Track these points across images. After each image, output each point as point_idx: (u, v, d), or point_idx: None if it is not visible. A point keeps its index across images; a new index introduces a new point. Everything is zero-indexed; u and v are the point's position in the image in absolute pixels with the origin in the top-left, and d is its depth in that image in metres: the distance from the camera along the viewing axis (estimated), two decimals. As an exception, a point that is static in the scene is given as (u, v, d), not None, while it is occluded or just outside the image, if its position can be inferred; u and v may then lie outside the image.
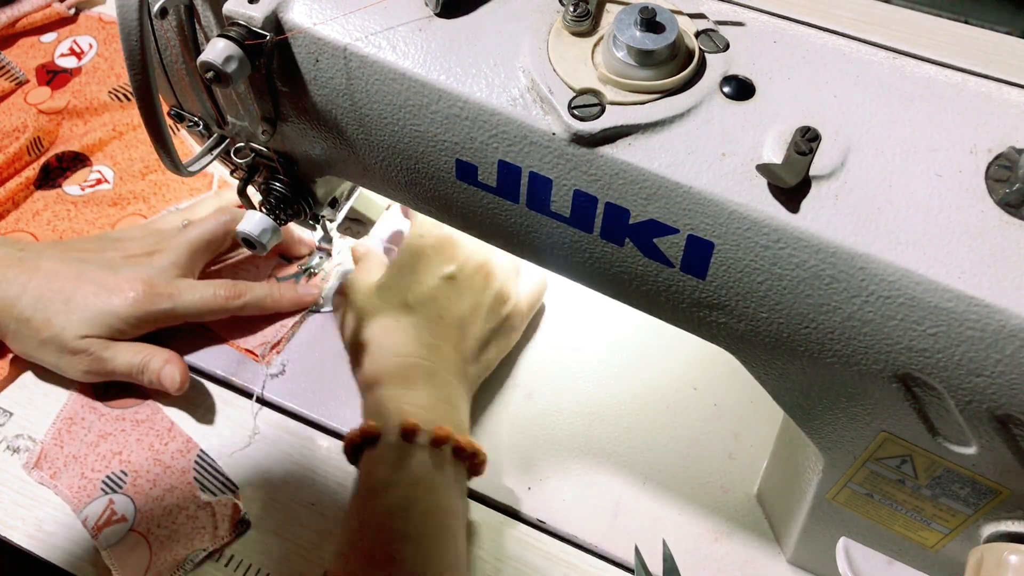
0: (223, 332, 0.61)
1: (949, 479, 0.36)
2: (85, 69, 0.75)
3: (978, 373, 0.31)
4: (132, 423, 0.57)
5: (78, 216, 0.67)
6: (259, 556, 0.53)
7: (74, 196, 0.68)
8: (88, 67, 0.75)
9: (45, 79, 0.75)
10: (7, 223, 0.67)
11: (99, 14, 0.80)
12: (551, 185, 0.36)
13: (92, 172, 0.70)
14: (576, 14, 0.36)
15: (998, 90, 0.35)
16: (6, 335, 0.57)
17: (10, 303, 0.55)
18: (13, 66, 0.73)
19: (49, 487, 0.55)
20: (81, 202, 0.68)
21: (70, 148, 0.70)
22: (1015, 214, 0.31)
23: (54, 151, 0.70)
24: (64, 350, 0.55)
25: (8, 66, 0.73)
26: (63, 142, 0.71)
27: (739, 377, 0.47)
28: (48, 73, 0.75)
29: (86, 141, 0.71)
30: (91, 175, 0.70)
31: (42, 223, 0.67)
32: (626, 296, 0.40)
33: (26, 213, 0.68)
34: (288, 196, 0.50)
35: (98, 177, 0.70)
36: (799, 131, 0.32)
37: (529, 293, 0.60)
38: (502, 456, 0.56)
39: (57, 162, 0.70)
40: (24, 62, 0.75)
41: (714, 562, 0.52)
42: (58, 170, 0.70)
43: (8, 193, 0.67)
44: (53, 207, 0.68)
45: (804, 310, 0.34)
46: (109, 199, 0.68)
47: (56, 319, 0.55)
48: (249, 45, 0.38)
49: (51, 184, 0.69)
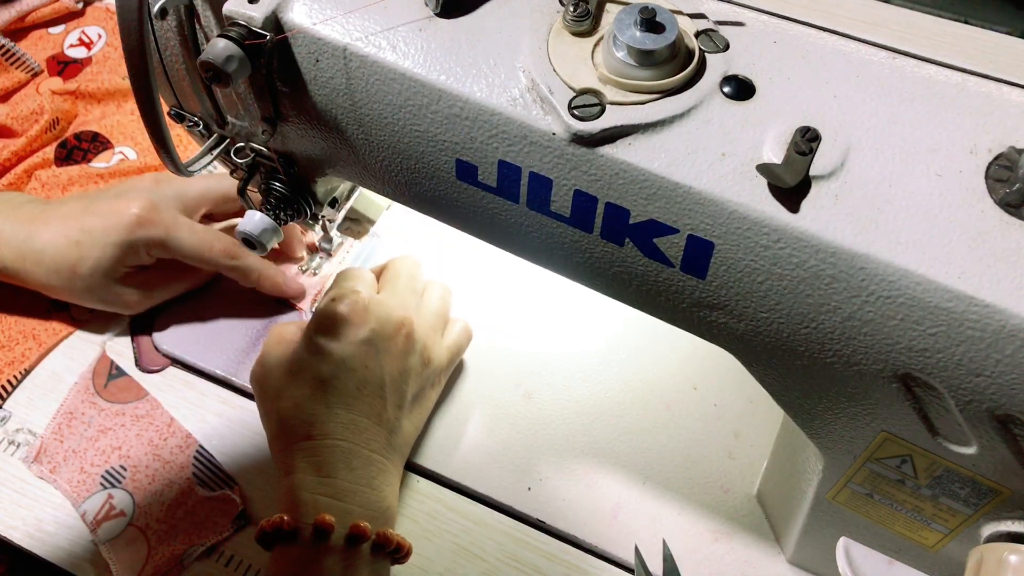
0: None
1: (949, 479, 0.36)
2: (95, 59, 0.76)
3: (978, 373, 0.31)
4: (132, 418, 0.58)
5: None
6: (258, 555, 0.53)
7: (100, 169, 0.69)
8: (98, 56, 0.76)
9: (56, 70, 0.75)
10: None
11: (106, 5, 0.80)
12: (551, 185, 0.37)
13: (115, 154, 0.71)
14: (576, 14, 0.36)
15: (998, 90, 0.35)
16: (44, 288, 0.57)
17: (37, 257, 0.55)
18: (28, 57, 0.74)
19: (48, 481, 0.55)
20: (108, 174, 0.69)
21: (89, 128, 0.71)
22: (1015, 214, 0.31)
23: (72, 131, 0.71)
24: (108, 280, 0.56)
25: (23, 57, 0.74)
26: (81, 123, 0.72)
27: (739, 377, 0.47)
28: (59, 64, 0.76)
29: (105, 124, 0.72)
30: (114, 157, 0.71)
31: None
32: (626, 296, 0.40)
33: (55, 190, 0.68)
34: (288, 196, 0.50)
35: (121, 158, 0.70)
36: (799, 131, 0.32)
37: (450, 347, 0.57)
38: (502, 456, 0.56)
39: (76, 140, 0.70)
40: (35, 54, 0.76)
41: (714, 562, 0.52)
42: (79, 151, 0.70)
43: (29, 167, 0.68)
44: (80, 182, 0.68)
45: (804, 310, 0.34)
46: (136, 170, 0.69)
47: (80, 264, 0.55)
48: (249, 45, 0.38)
49: (74, 163, 0.70)
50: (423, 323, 0.55)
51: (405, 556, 0.48)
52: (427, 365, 0.54)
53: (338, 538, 0.44)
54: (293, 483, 0.46)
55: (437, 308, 0.57)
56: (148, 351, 0.61)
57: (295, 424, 0.48)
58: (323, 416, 0.48)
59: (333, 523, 0.44)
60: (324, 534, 0.44)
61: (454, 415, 0.58)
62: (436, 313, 0.57)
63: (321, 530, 0.44)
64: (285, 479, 0.47)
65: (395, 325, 0.52)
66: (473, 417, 0.58)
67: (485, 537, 0.54)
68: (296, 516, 0.45)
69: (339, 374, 0.49)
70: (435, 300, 0.57)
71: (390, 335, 0.52)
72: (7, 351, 0.60)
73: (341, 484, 0.46)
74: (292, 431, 0.48)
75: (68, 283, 0.56)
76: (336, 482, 0.46)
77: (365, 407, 0.49)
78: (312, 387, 0.49)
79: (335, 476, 0.47)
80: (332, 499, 0.46)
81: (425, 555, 0.53)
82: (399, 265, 0.57)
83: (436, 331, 0.56)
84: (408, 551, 0.48)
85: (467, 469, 0.56)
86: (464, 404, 0.58)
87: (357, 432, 0.49)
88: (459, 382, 0.59)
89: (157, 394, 0.59)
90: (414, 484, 0.56)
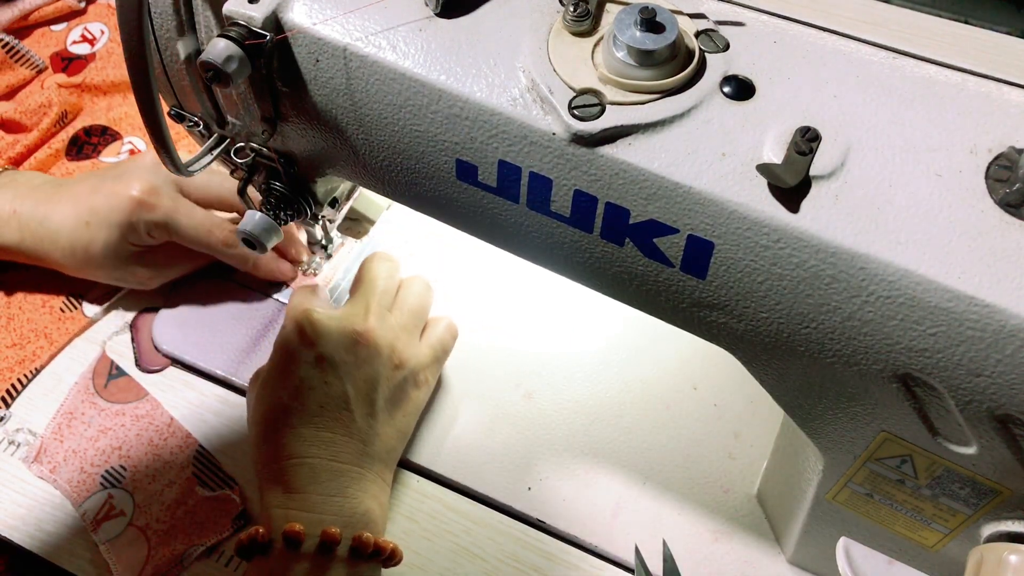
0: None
1: (949, 479, 0.36)
2: (99, 54, 0.76)
3: (978, 373, 0.31)
4: (132, 418, 0.58)
5: None
6: (259, 556, 0.53)
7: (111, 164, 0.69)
8: (102, 52, 0.76)
9: (60, 67, 0.75)
10: None
11: (108, 1, 0.80)
12: (551, 185, 0.37)
13: (124, 144, 0.71)
14: (576, 14, 0.36)
15: (998, 90, 0.35)
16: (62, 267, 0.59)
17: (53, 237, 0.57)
18: (32, 54, 0.74)
19: (48, 481, 0.55)
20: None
21: (97, 122, 0.72)
22: (1015, 214, 0.31)
23: (80, 124, 0.72)
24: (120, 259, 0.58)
25: (27, 54, 0.74)
26: (89, 116, 0.73)
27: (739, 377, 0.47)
28: (63, 60, 0.76)
29: (112, 116, 0.72)
30: (124, 147, 0.71)
31: None
32: (626, 296, 0.40)
33: None
34: (288, 196, 0.50)
35: (131, 148, 0.71)
36: (799, 131, 0.32)
37: (432, 344, 0.56)
38: (502, 456, 0.56)
39: (86, 135, 0.71)
40: (38, 51, 0.76)
41: (714, 562, 0.52)
42: (89, 145, 0.71)
43: (37, 163, 0.69)
44: None
45: (804, 310, 0.34)
46: None
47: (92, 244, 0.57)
48: (249, 45, 0.38)
49: (85, 158, 0.71)
50: (391, 324, 0.54)
51: (392, 558, 0.48)
52: (400, 367, 0.53)
53: (310, 546, 0.45)
54: (267, 500, 0.48)
55: (413, 306, 0.56)
56: (148, 351, 0.61)
57: (265, 449, 0.50)
58: (288, 438, 0.49)
59: (302, 531, 0.45)
60: (295, 543, 0.45)
61: (454, 415, 0.58)
62: (412, 312, 0.56)
63: (291, 539, 0.45)
64: (261, 501, 0.49)
65: (350, 336, 0.52)
66: (473, 417, 0.58)
67: (485, 537, 0.54)
68: (269, 529, 0.46)
69: (299, 396, 0.50)
70: (411, 298, 0.57)
71: (347, 347, 0.51)
72: (19, 349, 0.60)
73: (311, 498, 0.47)
74: (264, 456, 0.50)
75: (83, 262, 0.58)
76: (306, 496, 0.47)
77: (330, 422, 0.50)
78: (277, 411, 0.50)
79: (304, 492, 0.47)
80: (301, 511, 0.47)
81: (425, 555, 0.53)
82: (366, 268, 0.57)
83: (410, 331, 0.55)
84: (395, 552, 0.48)
85: (467, 469, 0.56)
86: (464, 404, 0.58)
87: (324, 447, 0.49)
88: (459, 382, 0.59)
89: (157, 394, 0.59)
90: (414, 484, 0.56)
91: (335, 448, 0.49)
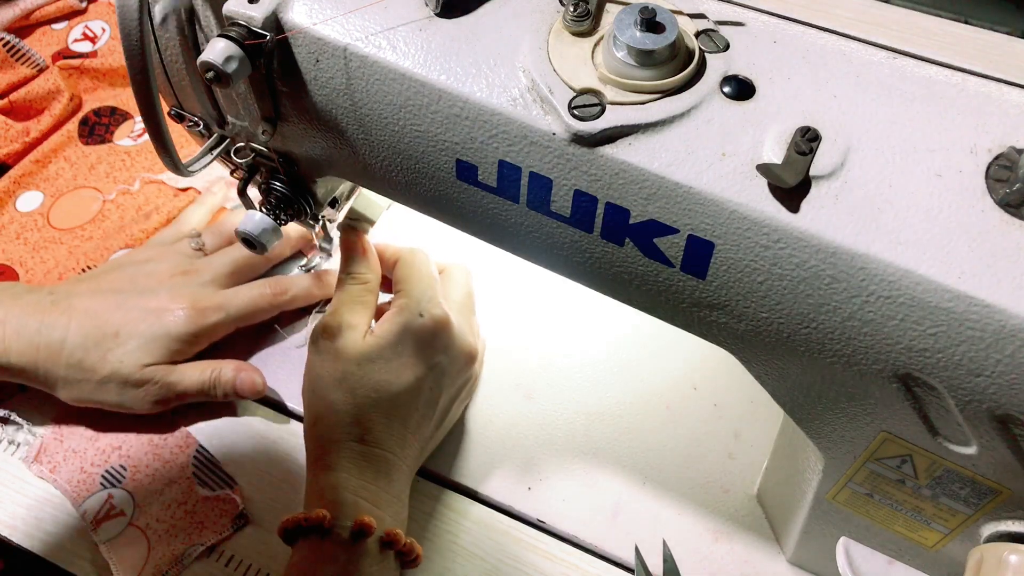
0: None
1: (949, 479, 0.36)
2: (101, 52, 0.76)
3: (978, 373, 0.31)
4: (132, 418, 0.57)
5: (134, 165, 0.70)
6: (258, 555, 0.53)
7: (127, 147, 0.72)
8: (103, 49, 0.77)
9: None
10: (66, 182, 0.70)
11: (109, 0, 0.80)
12: (551, 185, 0.37)
13: (136, 124, 0.73)
14: (576, 14, 0.36)
15: (998, 90, 0.35)
16: (55, 385, 0.54)
17: (56, 349, 0.52)
18: (34, 53, 0.74)
19: (48, 481, 0.55)
20: (135, 151, 0.71)
21: (106, 104, 0.74)
22: (1015, 214, 0.31)
23: (88, 107, 0.74)
24: (127, 384, 0.53)
25: (28, 53, 0.74)
26: (97, 99, 0.74)
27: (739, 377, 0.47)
28: (64, 59, 0.76)
29: (121, 98, 0.74)
30: (136, 126, 0.73)
31: (100, 176, 0.70)
32: (626, 296, 0.40)
33: (82, 169, 0.70)
34: (288, 196, 0.50)
35: (142, 128, 0.72)
36: (799, 131, 0.32)
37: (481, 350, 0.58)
38: (502, 456, 0.56)
39: (96, 117, 0.73)
40: (39, 50, 0.76)
41: (714, 562, 0.52)
42: (101, 126, 0.72)
43: (52, 145, 0.71)
44: (108, 159, 0.71)
45: (804, 310, 0.34)
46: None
47: (111, 355, 0.53)
48: (249, 45, 0.38)
49: (100, 140, 0.72)
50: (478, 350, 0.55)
51: (415, 561, 0.49)
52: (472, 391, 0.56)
53: (373, 542, 0.45)
54: (335, 481, 0.46)
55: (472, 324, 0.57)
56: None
57: (348, 422, 0.48)
58: (380, 425, 0.48)
59: (374, 526, 0.45)
60: (362, 536, 0.44)
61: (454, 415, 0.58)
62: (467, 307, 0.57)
63: (361, 531, 0.44)
64: (321, 474, 0.47)
65: (466, 355, 0.53)
66: (473, 417, 0.58)
67: (485, 537, 0.54)
68: (336, 514, 0.45)
69: (408, 390, 0.49)
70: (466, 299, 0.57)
71: (459, 365, 0.53)
72: None
73: (381, 493, 0.47)
74: (343, 427, 0.48)
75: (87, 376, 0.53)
76: (377, 490, 0.47)
77: (415, 426, 0.50)
78: (377, 392, 0.49)
79: (376, 484, 0.47)
80: (371, 504, 0.46)
81: (425, 555, 0.53)
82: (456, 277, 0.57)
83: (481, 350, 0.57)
84: (419, 560, 0.49)
85: (467, 469, 0.56)
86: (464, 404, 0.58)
87: (403, 447, 0.49)
88: (459, 382, 0.59)
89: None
90: (414, 484, 0.55)
91: (409, 451, 0.50)
